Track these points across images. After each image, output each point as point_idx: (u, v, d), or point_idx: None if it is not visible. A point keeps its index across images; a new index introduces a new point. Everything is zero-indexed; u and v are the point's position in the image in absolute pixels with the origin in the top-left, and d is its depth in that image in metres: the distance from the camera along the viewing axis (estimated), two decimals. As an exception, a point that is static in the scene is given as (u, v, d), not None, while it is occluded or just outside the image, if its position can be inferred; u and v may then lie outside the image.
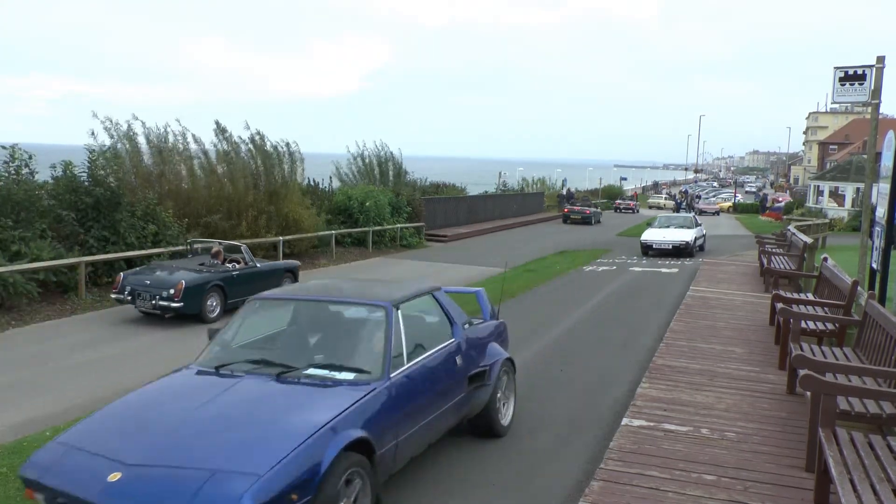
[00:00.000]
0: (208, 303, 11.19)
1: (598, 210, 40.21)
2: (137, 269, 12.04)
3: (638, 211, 50.23)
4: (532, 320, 11.28)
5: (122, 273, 11.60)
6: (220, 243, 12.76)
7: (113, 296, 11.42)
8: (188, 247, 13.66)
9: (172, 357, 9.36)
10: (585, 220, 35.87)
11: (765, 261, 14.87)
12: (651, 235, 22.00)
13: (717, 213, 52.93)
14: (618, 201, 52.09)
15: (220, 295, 11.40)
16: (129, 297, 11.09)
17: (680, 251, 21.00)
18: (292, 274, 13.21)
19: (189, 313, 10.90)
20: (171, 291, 10.74)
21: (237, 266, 12.08)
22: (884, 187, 8.64)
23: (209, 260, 12.10)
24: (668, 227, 22.79)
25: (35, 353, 9.37)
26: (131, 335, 10.44)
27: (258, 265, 12.43)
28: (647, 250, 21.53)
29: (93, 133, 15.08)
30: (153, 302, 10.86)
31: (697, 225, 23.10)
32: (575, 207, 37.56)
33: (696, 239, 21.68)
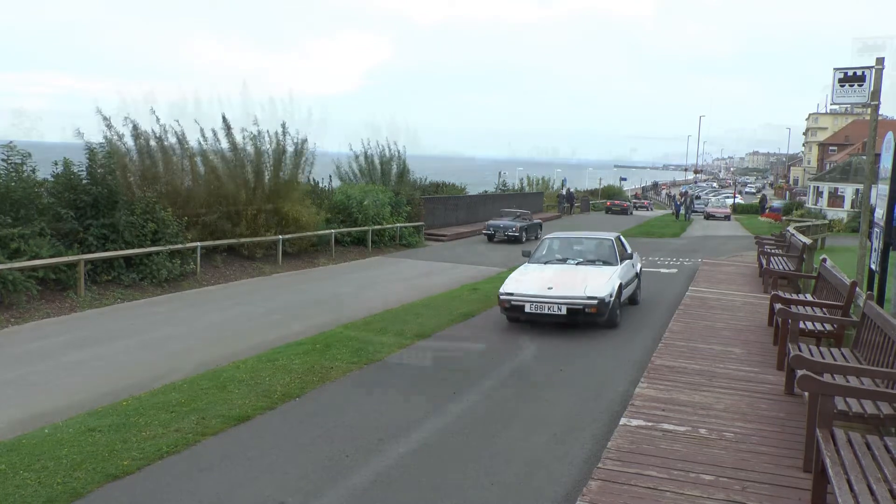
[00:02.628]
0: (524, 235, 25.73)
1: (632, 204, 52.81)
2: (492, 220, 27.11)
3: (651, 209, 57.97)
4: (531, 320, 11.29)
5: (486, 222, 26.97)
6: (519, 210, 28.23)
7: (483, 232, 26.48)
8: (500, 214, 28.29)
9: (169, 352, 9.35)
10: (623, 212, 47.87)
11: (764, 262, 14.88)
12: (523, 286, 10.66)
13: (727, 217, 46.10)
14: (634, 201, 60.14)
15: (525, 232, 25.93)
16: (493, 233, 25.84)
17: (581, 318, 10.20)
18: (540, 226, 28.03)
19: (521, 240, 25.11)
20: (514, 229, 25.60)
21: (528, 220, 26.91)
22: (883, 189, 8.65)
23: (516, 218, 26.74)
24: (563, 261, 11.95)
25: (34, 350, 9.37)
26: (138, 332, 10.45)
27: (534, 220, 27.88)
28: (517, 315, 10.56)
29: (75, 132, 15.00)
30: (506, 234, 25.53)
31: (627, 256, 12.14)
32: (615, 202, 50.58)
33: (619, 287, 10.82)
